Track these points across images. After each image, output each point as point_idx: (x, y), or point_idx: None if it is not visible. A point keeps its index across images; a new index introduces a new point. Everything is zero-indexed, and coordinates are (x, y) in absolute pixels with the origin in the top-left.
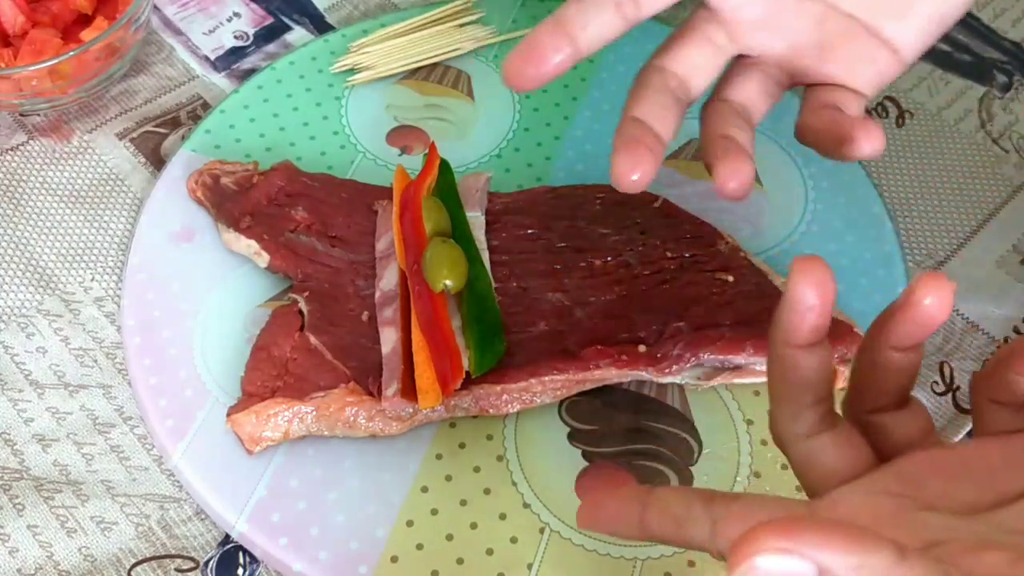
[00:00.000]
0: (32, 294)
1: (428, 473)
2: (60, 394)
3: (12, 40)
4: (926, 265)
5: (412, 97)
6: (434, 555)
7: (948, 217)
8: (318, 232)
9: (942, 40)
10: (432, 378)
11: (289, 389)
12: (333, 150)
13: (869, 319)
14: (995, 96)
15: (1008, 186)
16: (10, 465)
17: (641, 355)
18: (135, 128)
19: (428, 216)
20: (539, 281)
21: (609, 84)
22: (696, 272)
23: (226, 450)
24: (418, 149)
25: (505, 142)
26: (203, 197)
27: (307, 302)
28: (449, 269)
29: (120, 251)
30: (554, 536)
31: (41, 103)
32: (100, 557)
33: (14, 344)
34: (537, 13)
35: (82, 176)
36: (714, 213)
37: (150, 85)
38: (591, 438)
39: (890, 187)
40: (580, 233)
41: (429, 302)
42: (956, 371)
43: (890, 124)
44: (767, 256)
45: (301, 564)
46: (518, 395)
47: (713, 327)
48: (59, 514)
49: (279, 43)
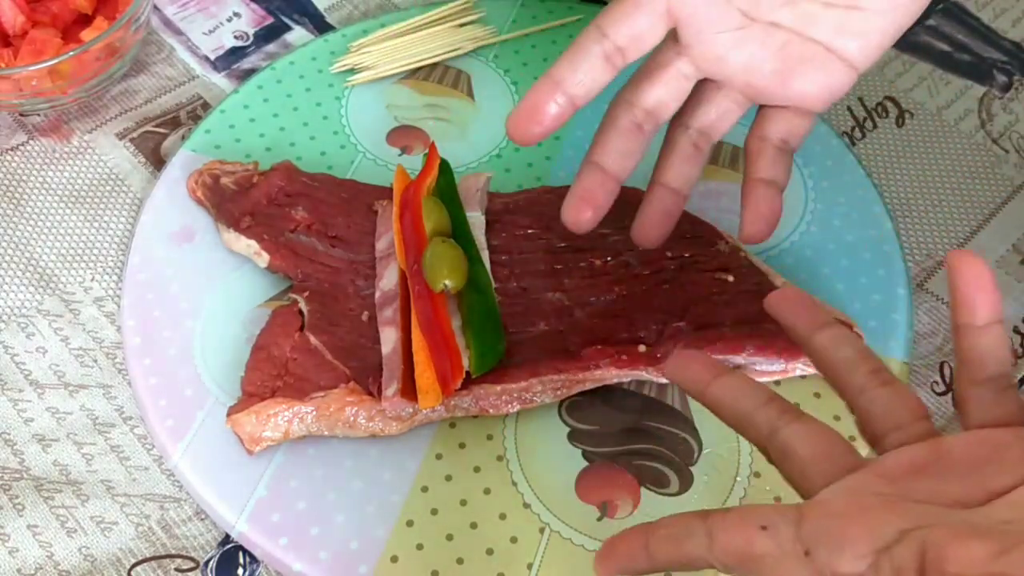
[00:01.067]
0: (32, 294)
1: (428, 473)
2: (60, 394)
3: (12, 40)
4: (926, 265)
5: (412, 97)
6: (434, 555)
7: (948, 217)
8: (318, 232)
9: (942, 40)
10: (432, 378)
11: (289, 389)
12: (333, 150)
13: (869, 319)
14: (995, 96)
15: (1008, 186)
16: (10, 465)
17: (641, 355)
18: (135, 128)
19: (428, 216)
20: (539, 281)
21: (609, 84)
22: (696, 272)
23: (226, 450)
24: (418, 149)
25: (505, 142)
26: (203, 197)
27: (307, 302)
28: (449, 269)
29: (120, 251)
30: (554, 536)
31: (41, 103)
32: (100, 557)
33: (14, 344)
34: (537, 13)
35: (82, 176)
36: (714, 213)
37: (150, 85)
38: (591, 438)
39: (890, 187)
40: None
41: (429, 302)
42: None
43: (890, 124)
44: (767, 256)
45: (301, 564)
46: (518, 395)
47: (713, 327)
48: (59, 514)
49: (279, 43)
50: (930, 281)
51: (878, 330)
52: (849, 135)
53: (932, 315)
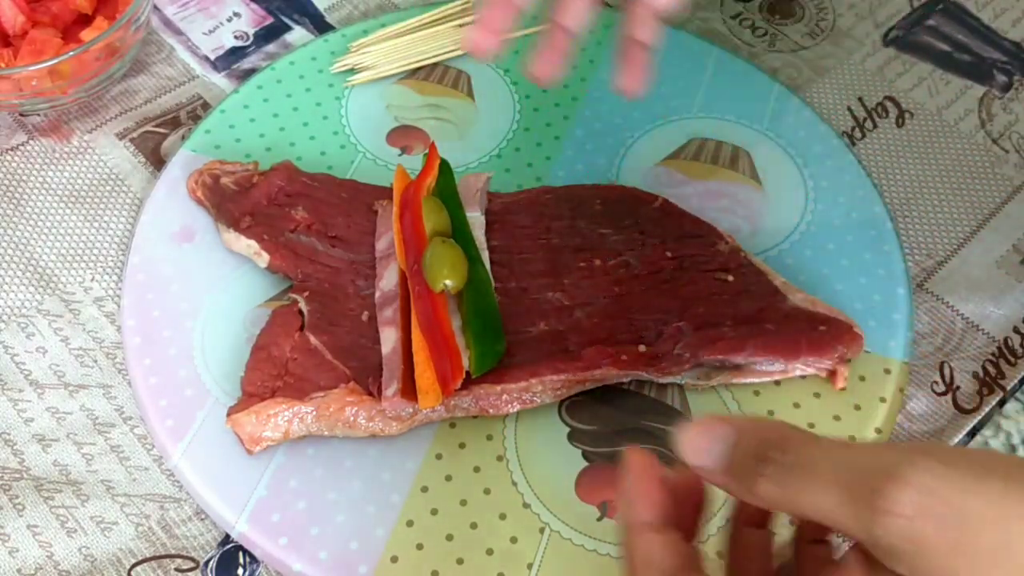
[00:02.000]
0: (32, 294)
1: (428, 473)
2: (60, 394)
3: (12, 40)
4: (926, 265)
5: (412, 97)
6: (434, 555)
7: (948, 217)
8: (318, 232)
9: (942, 40)
10: (432, 378)
11: (289, 389)
12: (333, 150)
13: (869, 319)
14: (995, 96)
15: (1008, 186)
16: (10, 465)
17: (641, 355)
18: (135, 128)
19: (428, 216)
20: (539, 281)
21: (609, 84)
22: (696, 272)
23: (226, 450)
24: (418, 149)
25: (505, 142)
26: (203, 197)
27: (307, 302)
28: (449, 269)
29: (120, 251)
30: (554, 536)
31: (41, 103)
32: (100, 557)
33: (14, 344)
34: (537, 13)
35: (82, 176)
36: (714, 213)
37: (150, 85)
38: (591, 438)
39: (890, 187)
40: (580, 233)
41: (429, 302)
42: (956, 371)
43: (890, 124)
44: (767, 256)
45: (301, 564)
46: (518, 395)
47: (713, 327)
48: (59, 514)
49: (279, 43)
50: (930, 281)
51: (878, 330)
52: (849, 135)
53: (932, 315)
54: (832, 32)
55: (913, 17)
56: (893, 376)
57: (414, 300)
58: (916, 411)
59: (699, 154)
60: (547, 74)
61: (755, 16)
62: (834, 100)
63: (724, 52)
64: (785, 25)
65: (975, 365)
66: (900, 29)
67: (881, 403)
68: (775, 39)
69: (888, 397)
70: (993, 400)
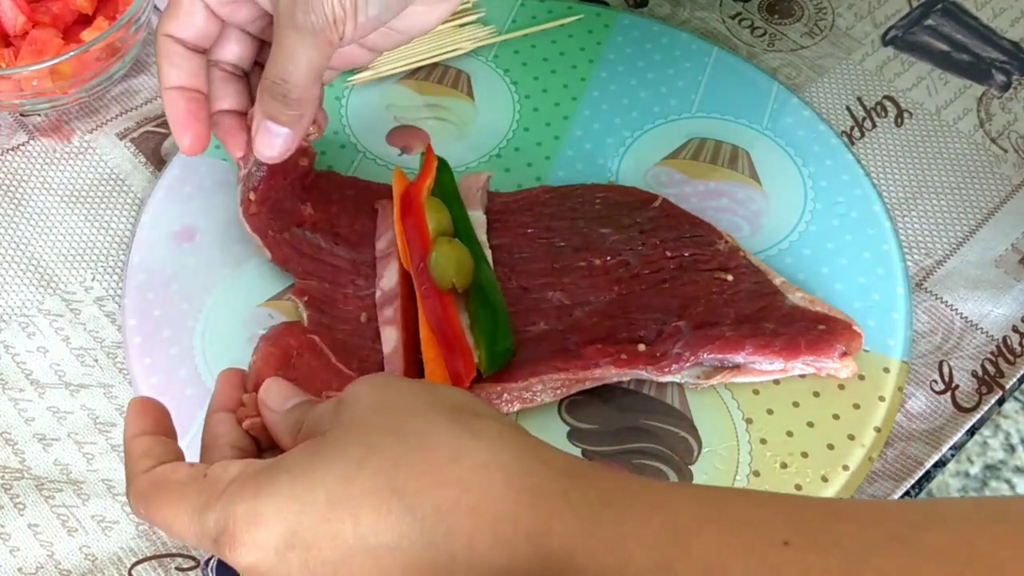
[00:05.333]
0: (33, 294)
1: None
2: (61, 393)
3: (13, 40)
4: (925, 265)
5: (412, 97)
6: None
7: (947, 216)
8: (323, 230)
9: (941, 40)
10: (443, 376)
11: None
12: (333, 150)
13: (868, 318)
14: (994, 95)
15: (1007, 185)
16: (11, 464)
17: (641, 354)
18: (136, 128)
19: (430, 216)
20: (539, 281)
21: (608, 84)
22: (696, 272)
23: None
24: (418, 149)
25: (505, 142)
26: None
27: (306, 307)
28: (456, 269)
29: (121, 251)
30: None
31: (42, 103)
32: (101, 556)
33: (15, 344)
34: (537, 13)
35: (83, 176)
36: (714, 213)
37: (150, 85)
38: (591, 437)
39: (889, 186)
40: (580, 233)
41: (438, 301)
42: (955, 370)
43: (889, 123)
44: (767, 256)
45: None
46: (518, 394)
47: (713, 326)
48: (60, 513)
49: None
50: (929, 280)
51: (877, 329)
52: (848, 135)
53: (931, 314)
54: (831, 32)
55: (912, 17)
56: (892, 375)
57: (421, 300)
58: (915, 410)
59: (698, 154)
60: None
61: (754, 16)
62: (833, 100)
63: (723, 52)
64: (784, 25)
65: (974, 364)
66: (899, 29)
67: (880, 402)
68: (774, 39)
69: (887, 396)
70: (992, 399)
